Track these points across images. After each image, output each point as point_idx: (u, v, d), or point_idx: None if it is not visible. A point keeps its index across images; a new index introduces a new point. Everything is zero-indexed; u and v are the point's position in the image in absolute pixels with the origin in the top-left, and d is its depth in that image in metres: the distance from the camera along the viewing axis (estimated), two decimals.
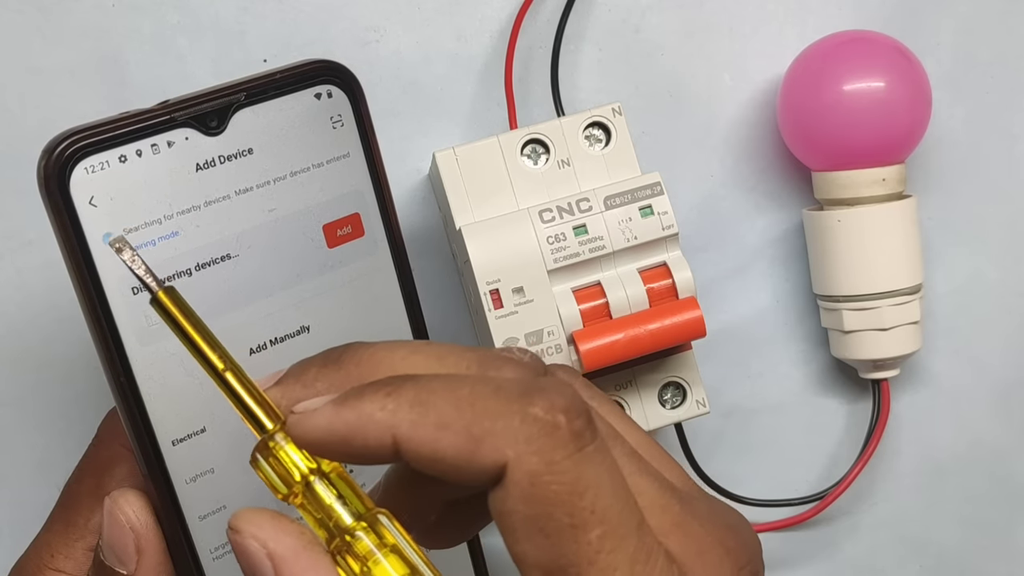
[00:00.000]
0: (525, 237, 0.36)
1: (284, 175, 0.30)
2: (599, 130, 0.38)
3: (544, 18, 0.43)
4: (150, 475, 0.30)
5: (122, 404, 0.29)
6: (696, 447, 0.43)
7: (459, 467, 0.23)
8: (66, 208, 0.28)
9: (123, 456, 0.32)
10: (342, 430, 0.24)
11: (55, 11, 0.40)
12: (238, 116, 0.30)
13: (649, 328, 0.36)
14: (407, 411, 0.23)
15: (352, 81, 0.31)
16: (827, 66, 0.41)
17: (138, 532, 0.30)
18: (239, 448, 0.31)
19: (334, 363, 0.26)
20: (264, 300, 0.31)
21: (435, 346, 0.26)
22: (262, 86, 0.30)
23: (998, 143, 0.46)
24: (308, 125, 0.30)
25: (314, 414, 0.24)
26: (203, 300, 0.30)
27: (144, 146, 0.29)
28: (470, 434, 0.23)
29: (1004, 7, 0.45)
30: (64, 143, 0.28)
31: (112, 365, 0.29)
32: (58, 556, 0.32)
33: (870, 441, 0.44)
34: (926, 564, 0.47)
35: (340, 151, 0.31)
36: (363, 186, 0.32)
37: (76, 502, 0.32)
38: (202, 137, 0.29)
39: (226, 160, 0.30)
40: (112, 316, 0.29)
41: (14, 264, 0.41)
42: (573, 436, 0.23)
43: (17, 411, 0.42)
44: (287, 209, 0.31)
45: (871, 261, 0.42)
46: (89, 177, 0.28)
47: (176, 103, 0.29)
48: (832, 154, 0.42)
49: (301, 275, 0.31)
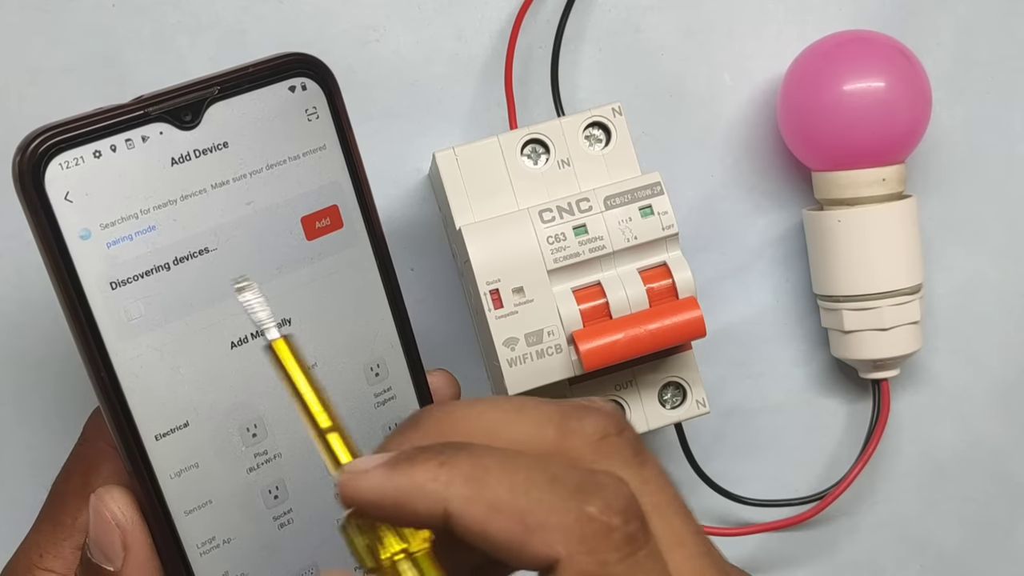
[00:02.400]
0: (525, 237, 0.36)
1: (260, 168, 0.30)
2: (599, 130, 0.38)
3: (544, 18, 0.43)
4: (134, 471, 0.30)
5: (104, 400, 0.29)
6: (696, 447, 0.43)
7: (510, 550, 0.23)
8: (41, 204, 0.28)
9: (108, 454, 0.32)
10: (392, 495, 0.24)
11: (55, 11, 0.40)
12: (212, 110, 0.29)
13: (649, 328, 0.36)
14: (460, 486, 0.23)
15: (326, 74, 0.31)
16: (827, 66, 0.41)
17: (124, 528, 0.30)
18: (223, 442, 0.31)
19: (413, 426, 0.26)
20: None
21: (514, 400, 0.26)
22: (236, 80, 0.30)
23: (998, 143, 0.46)
24: (283, 118, 0.30)
25: (365, 476, 0.24)
26: (182, 294, 0.30)
27: (119, 141, 0.28)
28: (524, 523, 0.23)
29: (1004, 7, 0.45)
30: (38, 139, 0.28)
31: (92, 361, 0.29)
32: (47, 556, 0.32)
33: (870, 441, 0.44)
34: (926, 564, 0.47)
35: (316, 143, 0.31)
36: (340, 178, 0.31)
37: (63, 501, 0.32)
38: (177, 131, 0.29)
39: (201, 154, 0.30)
40: (91, 312, 0.28)
41: (14, 264, 0.41)
42: (627, 540, 0.23)
43: (15, 411, 0.42)
44: (264, 202, 0.30)
45: (871, 261, 0.42)
46: (64, 173, 0.28)
47: (150, 98, 0.29)
48: (832, 154, 0.42)
49: (281, 268, 0.31)
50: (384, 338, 0.33)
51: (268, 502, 0.32)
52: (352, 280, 0.32)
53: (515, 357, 0.36)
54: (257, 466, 0.31)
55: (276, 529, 0.32)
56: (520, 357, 0.36)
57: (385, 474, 0.24)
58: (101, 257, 0.28)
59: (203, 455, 0.31)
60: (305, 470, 0.32)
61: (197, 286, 0.30)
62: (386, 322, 0.33)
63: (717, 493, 0.43)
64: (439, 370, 0.35)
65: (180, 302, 0.30)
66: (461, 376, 0.42)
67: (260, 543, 0.31)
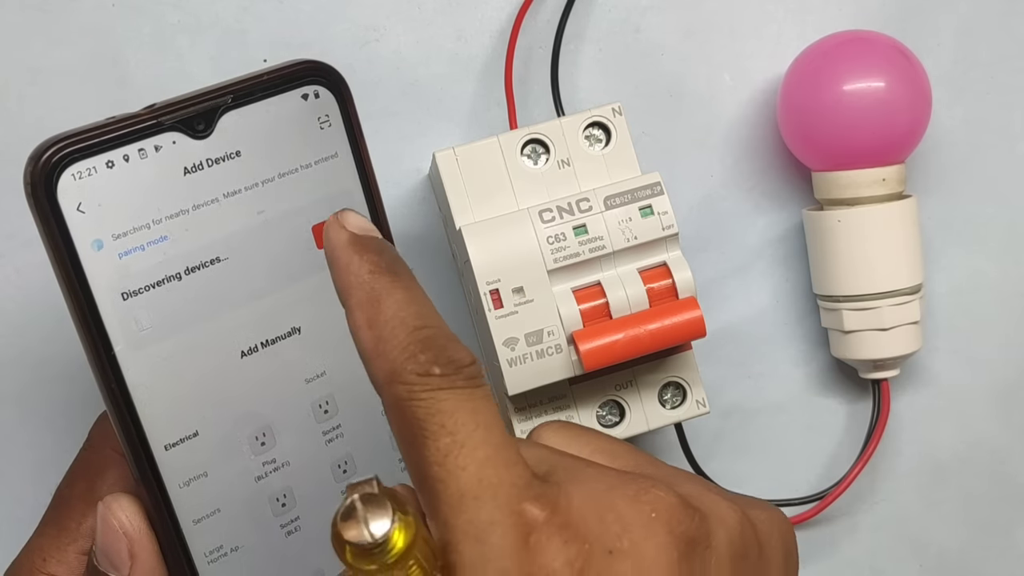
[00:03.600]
0: (525, 237, 0.36)
1: (272, 177, 0.30)
2: (599, 130, 0.38)
3: (544, 18, 0.43)
4: (142, 480, 0.30)
5: (114, 410, 0.29)
6: (696, 447, 0.43)
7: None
8: (53, 215, 0.28)
9: (114, 460, 0.32)
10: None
11: (55, 11, 0.40)
12: (225, 119, 0.29)
13: (649, 328, 0.36)
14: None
15: (339, 81, 0.31)
16: (827, 66, 0.41)
17: (131, 537, 0.30)
18: (231, 451, 0.31)
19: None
20: (254, 303, 0.31)
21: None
22: (248, 88, 0.30)
23: (998, 143, 0.46)
24: (295, 126, 0.30)
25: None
26: (193, 304, 0.30)
27: (131, 151, 0.28)
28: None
29: (1004, 7, 0.45)
30: (50, 149, 0.27)
31: (103, 371, 0.29)
32: (50, 560, 0.32)
33: (870, 441, 0.44)
34: (926, 564, 0.47)
35: (328, 151, 0.31)
36: (352, 186, 0.31)
37: (68, 506, 0.32)
38: (189, 140, 0.29)
39: (214, 163, 0.30)
40: (102, 322, 0.28)
41: (14, 264, 0.41)
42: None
43: (17, 411, 0.42)
44: (276, 211, 0.30)
45: (871, 261, 0.42)
46: (76, 183, 0.28)
47: (162, 107, 0.29)
48: (832, 154, 0.42)
49: (291, 277, 0.31)
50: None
51: (276, 510, 0.32)
52: None
53: (515, 357, 0.36)
54: (265, 474, 0.31)
55: (283, 537, 0.32)
56: (520, 357, 0.36)
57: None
58: (113, 268, 0.28)
59: (212, 464, 0.31)
60: (312, 478, 0.32)
61: (208, 296, 0.30)
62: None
63: None
64: None
65: (190, 312, 0.30)
66: None
67: (267, 551, 0.32)
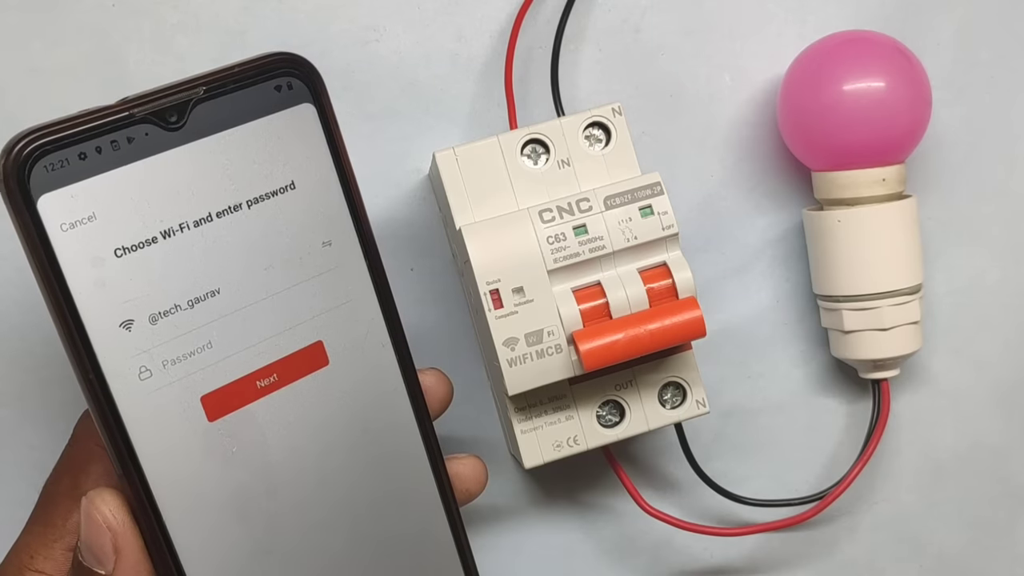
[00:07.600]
0: (525, 237, 0.36)
1: (246, 168, 0.30)
2: (599, 130, 0.38)
3: (544, 18, 0.43)
4: (125, 475, 0.30)
5: (93, 404, 0.29)
6: (696, 447, 0.43)
7: None
8: (27, 206, 0.28)
9: (98, 454, 0.32)
10: None
11: (55, 11, 0.40)
12: (198, 110, 0.29)
13: (649, 328, 0.36)
14: None
15: (312, 73, 0.31)
16: (827, 66, 0.41)
17: (115, 531, 0.30)
18: (215, 445, 0.31)
19: None
20: (234, 291, 0.31)
21: None
22: (221, 80, 0.30)
23: (998, 143, 0.46)
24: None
25: None
26: (172, 282, 0.30)
27: (104, 143, 0.28)
28: None
29: (1004, 7, 0.45)
30: (23, 141, 0.27)
31: (79, 360, 0.29)
32: (37, 557, 0.32)
33: (870, 441, 0.44)
34: (926, 564, 0.47)
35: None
36: (328, 175, 0.31)
37: (53, 503, 0.33)
38: (162, 132, 0.29)
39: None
40: (77, 310, 0.28)
41: (13, 264, 0.41)
42: None
43: (18, 411, 0.42)
44: (250, 202, 0.30)
45: (871, 261, 0.42)
46: (49, 175, 0.28)
47: (135, 99, 0.29)
48: (832, 154, 0.42)
49: (268, 268, 0.31)
50: (374, 338, 0.33)
51: (261, 504, 0.32)
52: (342, 282, 0.32)
53: (515, 357, 0.36)
54: (250, 468, 0.31)
55: (268, 531, 0.32)
56: (520, 357, 0.36)
57: None
58: (83, 244, 0.28)
59: (195, 457, 0.31)
60: (298, 473, 0.32)
61: (183, 279, 0.30)
62: (377, 323, 0.33)
63: (717, 493, 0.43)
64: (431, 369, 0.35)
65: (169, 290, 0.29)
66: (461, 376, 0.42)
67: (252, 545, 0.31)
